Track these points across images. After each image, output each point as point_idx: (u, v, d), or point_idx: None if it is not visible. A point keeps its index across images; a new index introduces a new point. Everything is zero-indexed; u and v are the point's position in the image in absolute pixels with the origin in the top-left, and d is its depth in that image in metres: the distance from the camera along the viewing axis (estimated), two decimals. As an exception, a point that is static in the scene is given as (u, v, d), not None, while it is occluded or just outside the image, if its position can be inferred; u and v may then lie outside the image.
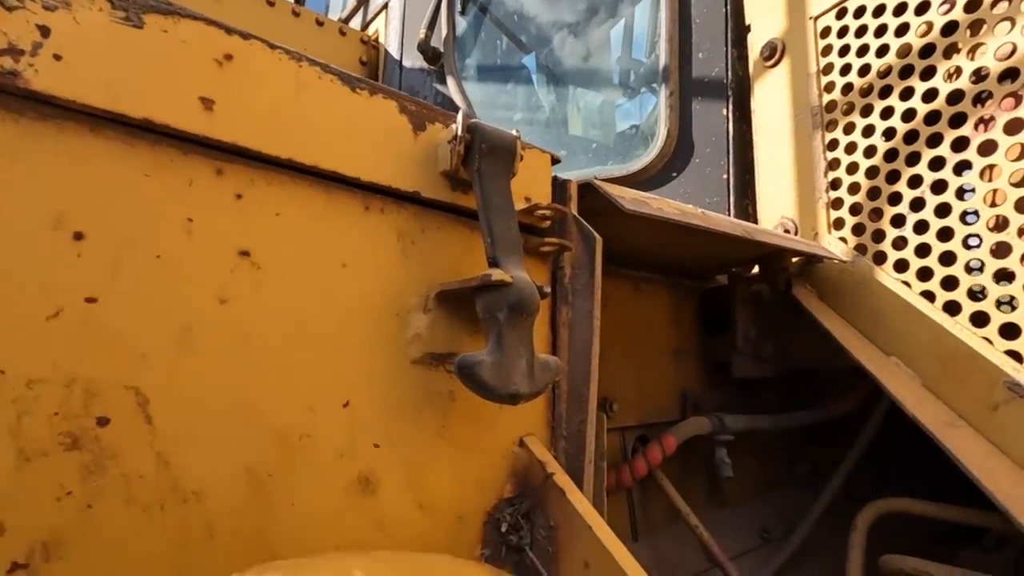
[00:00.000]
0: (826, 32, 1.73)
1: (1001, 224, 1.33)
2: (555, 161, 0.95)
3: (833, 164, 1.68)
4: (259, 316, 0.62)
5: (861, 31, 1.64)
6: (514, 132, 0.77)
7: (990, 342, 1.31)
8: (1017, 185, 1.31)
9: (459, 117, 0.73)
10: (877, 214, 1.57)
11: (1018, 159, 1.31)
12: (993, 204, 1.35)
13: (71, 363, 0.50)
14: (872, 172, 1.58)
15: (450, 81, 2.55)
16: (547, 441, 0.88)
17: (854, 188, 1.62)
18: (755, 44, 1.92)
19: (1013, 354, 1.27)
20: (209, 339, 0.58)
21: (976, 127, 1.40)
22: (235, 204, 0.61)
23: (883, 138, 1.56)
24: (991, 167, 1.36)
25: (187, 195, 0.58)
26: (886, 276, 1.52)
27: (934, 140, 1.45)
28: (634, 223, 1.17)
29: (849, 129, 1.64)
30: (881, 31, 1.59)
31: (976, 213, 1.38)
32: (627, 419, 1.57)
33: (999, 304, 1.31)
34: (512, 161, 0.76)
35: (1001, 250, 1.32)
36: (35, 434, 0.48)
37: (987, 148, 1.36)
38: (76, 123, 0.52)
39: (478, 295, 0.70)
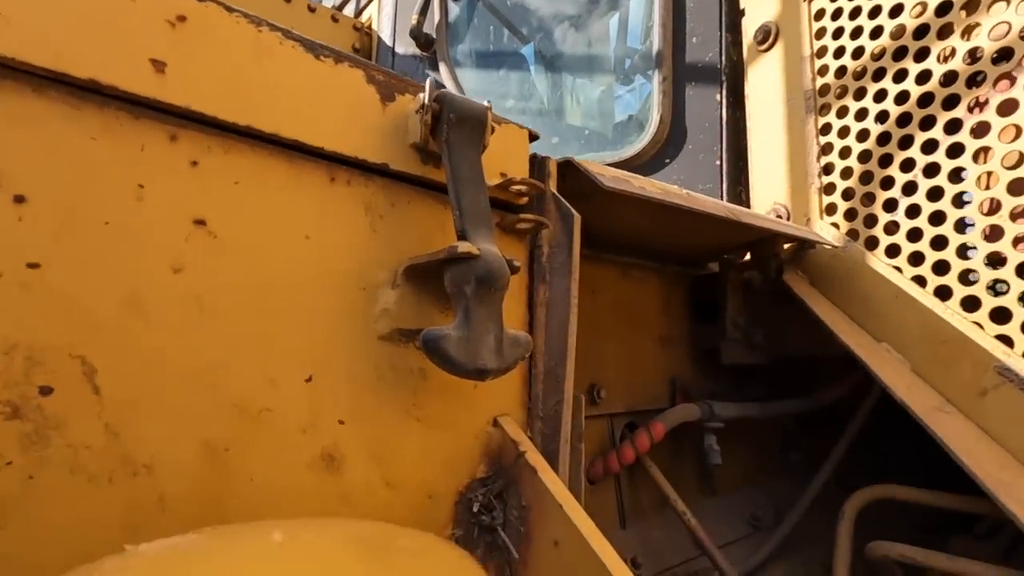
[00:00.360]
0: (820, 14, 1.70)
1: (994, 207, 1.31)
2: (533, 138, 0.93)
3: (826, 149, 1.66)
4: (216, 286, 0.60)
5: (855, 12, 1.61)
6: (485, 103, 0.75)
7: (981, 327, 1.29)
8: (1011, 168, 1.28)
9: (426, 85, 0.71)
10: (869, 199, 1.54)
11: (1012, 141, 1.29)
12: (986, 187, 1.33)
13: (11, 329, 0.49)
14: (865, 156, 1.55)
15: (442, 68, 2.52)
16: (523, 422, 0.86)
17: (847, 173, 1.59)
18: (749, 28, 1.90)
19: (1004, 339, 1.25)
20: (161, 308, 0.56)
21: (970, 109, 1.38)
22: (190, 171, 0.59)
23: (876, 122, 1.54)
24: (984, 149, 1.34)
25: (138, 160, 0.56)
26: (878, 261, 1.50)
27: (927, 123, 1.43)
28: (619, 205, 1.15)
29: (842, 113, 1.62)
30: (875, 12, 1.56)
31: (969, 196, 1.35)
32: (615, 406, 1.56)
33: (991, 288, 1.29)
34: (482, 132, 0.74)
35: (994, 233, 1.30)
36: (-28, 402, 0.47)
37: (980, 130, 1.34)
38: (16, 82, 0.50)
39: (445, 268, 0.68)
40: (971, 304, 1.31)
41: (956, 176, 1.38)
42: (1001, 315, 1.26)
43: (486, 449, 0.81)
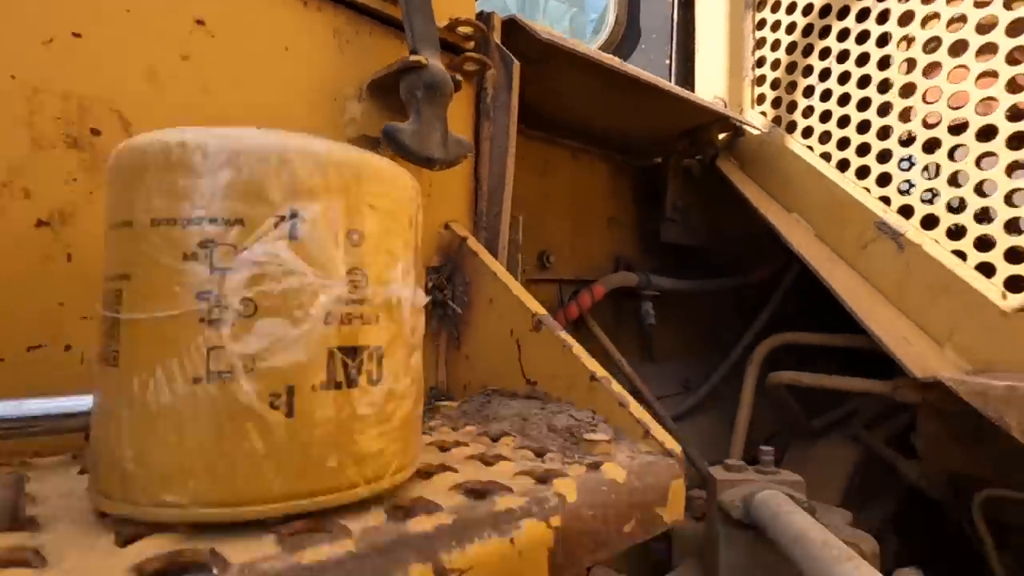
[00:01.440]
0: (762, -88, 1.82)
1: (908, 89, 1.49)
2: (480, -8, 1.08)
3: (760, 43, 1.82)
4: (215, 75, 0.76)
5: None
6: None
7: (868, 191, 1.52)
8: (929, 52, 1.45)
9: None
10: (792, 87, 1.73)
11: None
12: (908, 72, 1.49)
13: (65, 82, 0.65)
14: (791, 48, 1.73)
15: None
16: (470, 229, 1.06)
17: (776, 64, 1.77)
18: (701, -73, 2.00)
19: (884, 200, 1.49)
20: (173, 84, 0.73)
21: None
22: (189, -22, 0.74)
23: (802, 14, 1.70)
24: (909, 39, 1.51)
25: (148, -38, 0.71)
26: (795, 143, 1.70)
27: (843, 12, 1.60)
28: (560, 73, 1.31)
29: (776, 7, 1.77)
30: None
31: (872, 80, 1.54)
32: (564, 272, 1.77)
33: (880, 158, 1.51)
34: (431, -35, 0.89)
35: (883, 109, 1.51)
36: (43, 129, 0.63)
37: (905, 18, 1.50)
38: None
39: (401, 78, 0.85)
40: (863, 172, 1.53)
41: (863, 61, 1.56)
42: (884, 180, 1.49)
43: (439, 245, 1.01)
